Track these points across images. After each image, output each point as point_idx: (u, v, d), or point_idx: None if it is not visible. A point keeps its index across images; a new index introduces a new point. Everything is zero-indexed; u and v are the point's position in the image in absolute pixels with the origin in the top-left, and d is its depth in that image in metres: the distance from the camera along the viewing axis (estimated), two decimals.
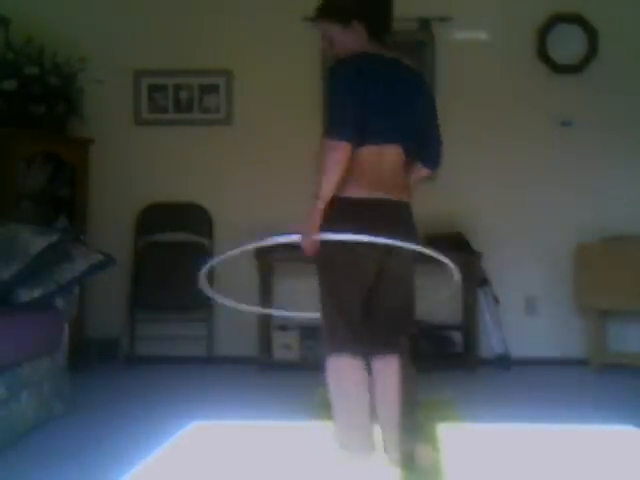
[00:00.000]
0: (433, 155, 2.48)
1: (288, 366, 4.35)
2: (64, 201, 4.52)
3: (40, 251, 3.09)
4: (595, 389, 3.91)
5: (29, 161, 4.38)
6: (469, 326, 4.42)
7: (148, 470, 2.51)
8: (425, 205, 4.56)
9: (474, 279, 4.40)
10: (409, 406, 2.33)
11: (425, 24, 4.66)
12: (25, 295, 3.10)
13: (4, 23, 4.45)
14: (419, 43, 4.66)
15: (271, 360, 4.41)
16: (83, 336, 4.40)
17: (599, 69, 4.63)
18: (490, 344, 4.53)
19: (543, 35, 4.63)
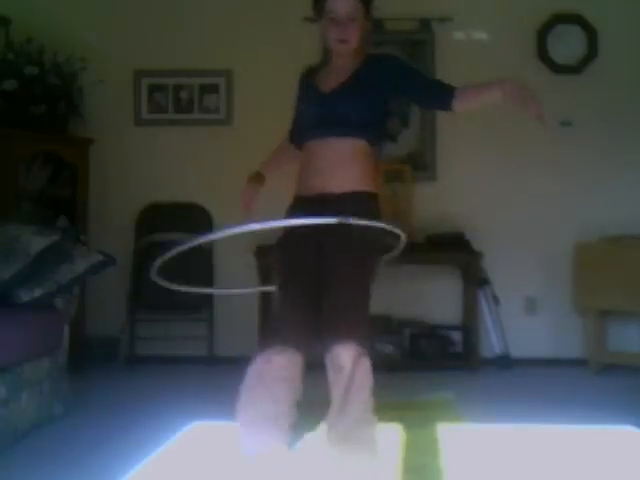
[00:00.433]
0: (435, 99, 2.37)
1: None
2: (64, 201, 4.52)
3: (40, 251, 3.09)
4: (594, 389, 3.91)
5: (29, 161, 4.38)
6: (469, 326, 4.43)
7: (148, 470, 2.51)
8: (425, 205, 4.65)
9: (474, 279, 4.40)
10: (362, 404, 2.20)
11: (425, 24, 4.66)
12: (25, 295, 3.10)
13: (4, 23, 4.45)
14: (419, 43, 4.67)
15: None
16: (83, 336, 4.41)
17: (599, 69, 4.64)
18: (490, 344, 4.54)
19: (543, 35, 4.63)
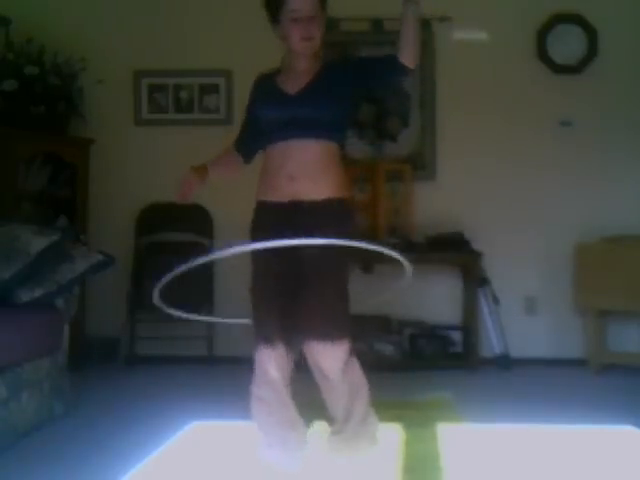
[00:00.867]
0: (386, 66, 2.27)
1: None
2: (64, 201, 4.52)
3: (40, 251, 3.09)
4: (594, 389, 3.91)
5: (29, 161, 4.38)
6: (469, 326, 4.43)
7: (148, 470, 2.51)
8: (425, 205, 4.65)
9: (474, 279, 4.40)
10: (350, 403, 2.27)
11: (425, 24, 4.65)
12: (25, 295, 3.10)
13: (4, 23, 4.45)
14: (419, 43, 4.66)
15: None
16: (83, 336, 4.41)
17: (599, 69, 4.63)
18: (490, 344, 4.54)
19: (543, 35, 4.63)
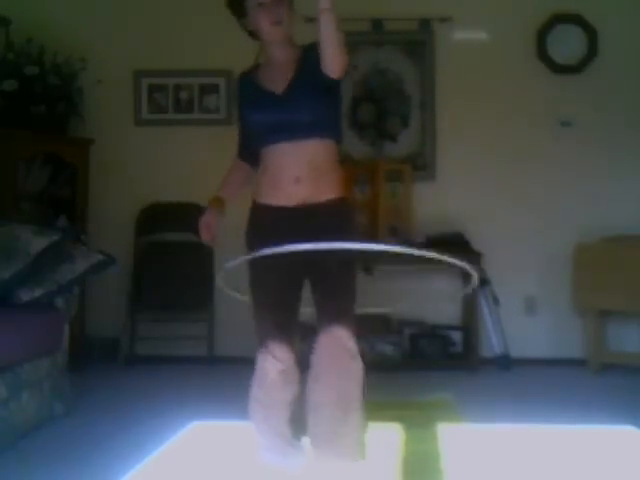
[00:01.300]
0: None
1: None
2: (64, 201, 4.52)
3: (40, 251, 3.09)
4: (594, 389, 3.91)
5: (29, 161, 4.38)
6: (469, 326, 4.43)
7: (148, 470, 2.51)
8: (425, 205, 4.65)
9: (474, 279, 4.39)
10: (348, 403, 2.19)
11: (425, 24, 4.66)
12: (25, 295, 3.10)
13: (5, 23, 4.45)
14: (419, 43, 4.67)
15: None
16: (83, 336, 4.41)
17: (599, 69, 4.63)
18: (490, 344, 4.53)
19: (543, 35, 4.63)
